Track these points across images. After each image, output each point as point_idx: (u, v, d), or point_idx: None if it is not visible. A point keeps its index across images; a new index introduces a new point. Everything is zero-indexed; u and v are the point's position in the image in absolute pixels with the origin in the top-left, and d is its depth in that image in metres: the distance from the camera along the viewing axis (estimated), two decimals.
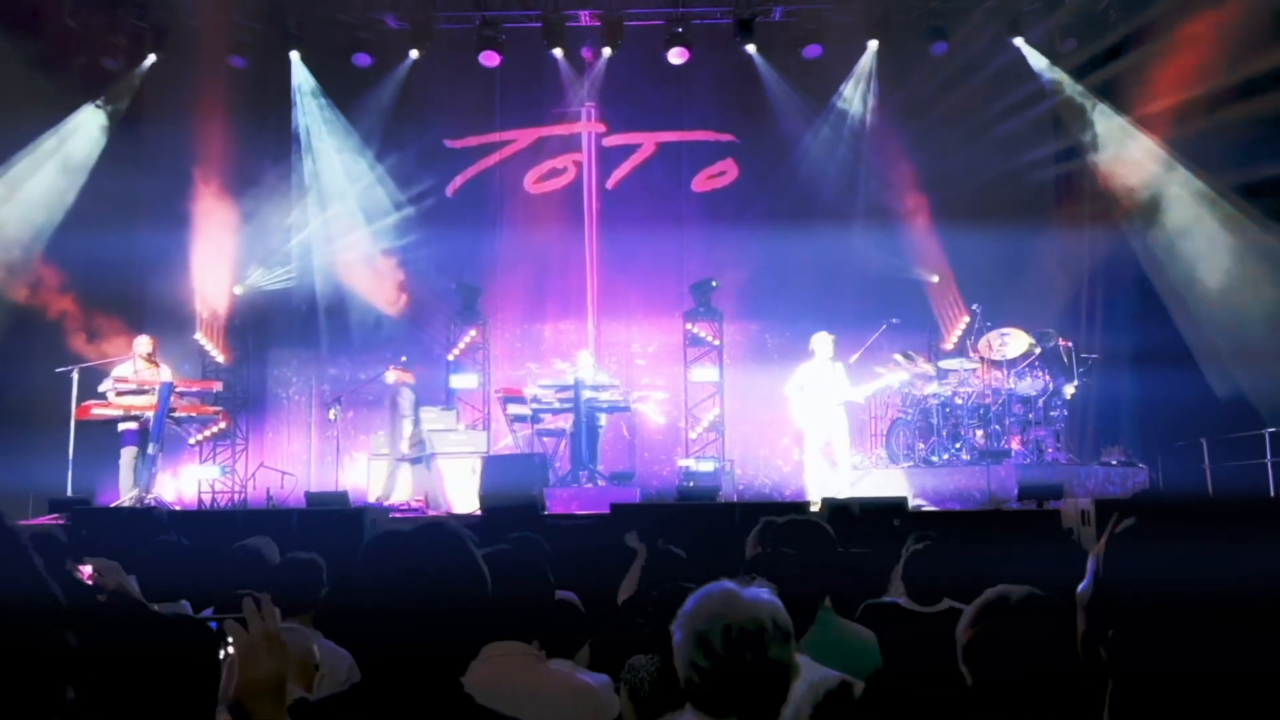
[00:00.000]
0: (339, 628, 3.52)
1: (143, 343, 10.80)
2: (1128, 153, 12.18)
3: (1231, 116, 10.54)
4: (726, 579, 2.24)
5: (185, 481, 12.72)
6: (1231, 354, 10.91)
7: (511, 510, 8.46)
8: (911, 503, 9.29)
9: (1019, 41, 12.99)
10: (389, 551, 1.96)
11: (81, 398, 10.33)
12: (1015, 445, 10.93)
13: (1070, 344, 11.15)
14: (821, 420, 10.87)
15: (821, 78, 13.54)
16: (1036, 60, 12.97)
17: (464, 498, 10.95)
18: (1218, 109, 10.71)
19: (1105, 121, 12.44)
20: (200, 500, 12.22)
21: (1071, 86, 12.78)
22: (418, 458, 11.20)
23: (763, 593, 2.17)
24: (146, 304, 13.04)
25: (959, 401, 11.13)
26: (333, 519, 8.29)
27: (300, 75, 13.70)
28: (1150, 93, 11.70)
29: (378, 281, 13.47)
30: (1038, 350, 11.10)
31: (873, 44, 13.37)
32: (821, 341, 10.94)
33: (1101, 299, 12.61)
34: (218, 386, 12.13)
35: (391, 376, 11.60)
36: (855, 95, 13.56)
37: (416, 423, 11.34)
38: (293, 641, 1.91)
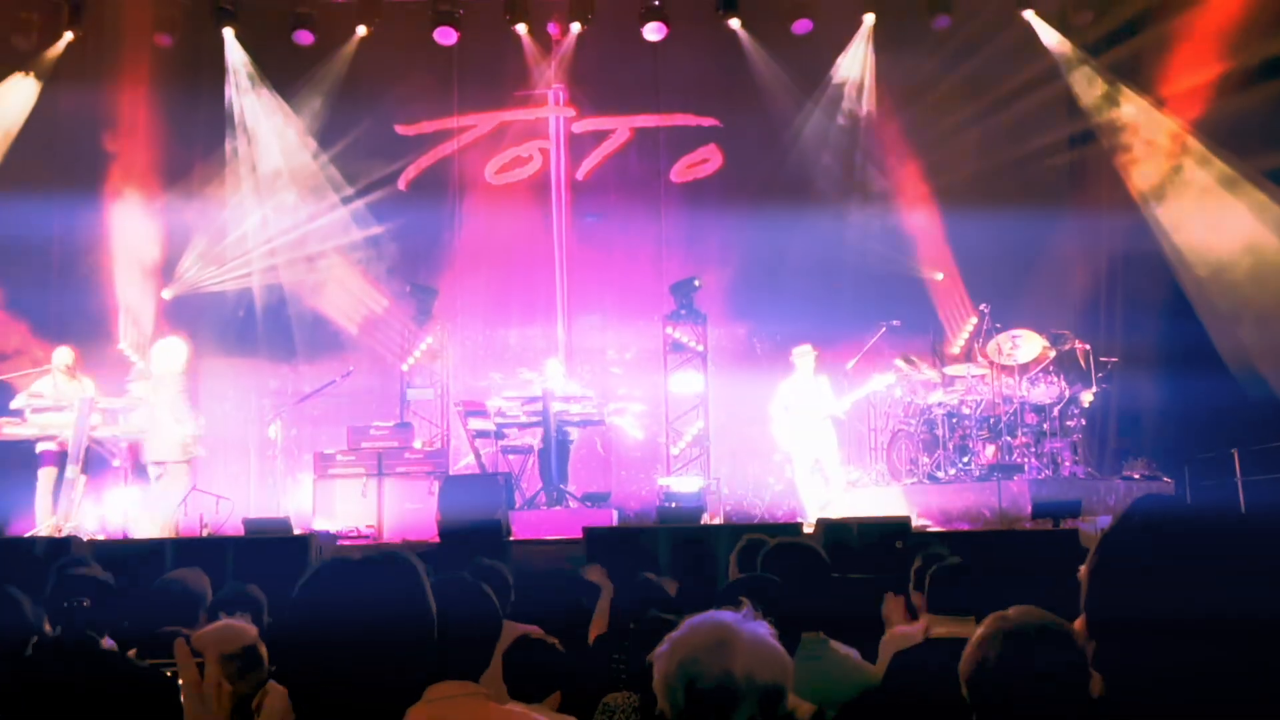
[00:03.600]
0: (278, 665, 3.51)
1: (63, 354, 10.71)
2: (1150, 136, 12.28)
3: (1264, 96, 10.66)
4: (721, 609, 2.23)
5: (109, 508, 12.61)
6: (1264, 356, 11.01)
7: (473, 536, 8.45)
8: (915, 522, 9.33)
9: (1029, 14, 13.05)
10: (334, 580, 1.96)
11: None
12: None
13: (1088, 347, 11.22)
14: (808, 438, 10.99)
15: (813, 55, 13.59)
16: (1048, 35, 13.04)
17: (421, 523, 10.92)
18: (1249, 87, 10.83)
19: (1125, 102, 12.53)
20: (126, 529, 12.12)
21: (1087, 63, 12.87)
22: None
23: (758, 633, 2.16)
24: (64, 310, 12.93)
25: (966, 411, 11.18)
26: (274, 548, 8.25)
27: (234, 54, 13.64)
28: (1174, 70, 11.82)
29: (323, 283, 13.43)
30: (1052, 354, 11.17)
31: (869, 17, 13.45)
32: (802, 355, 11.15)
33: (1121, 297, 12.70)
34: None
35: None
36: (850, 74, 13.63)
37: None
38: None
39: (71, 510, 10.30)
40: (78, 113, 12.93)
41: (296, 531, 9.67)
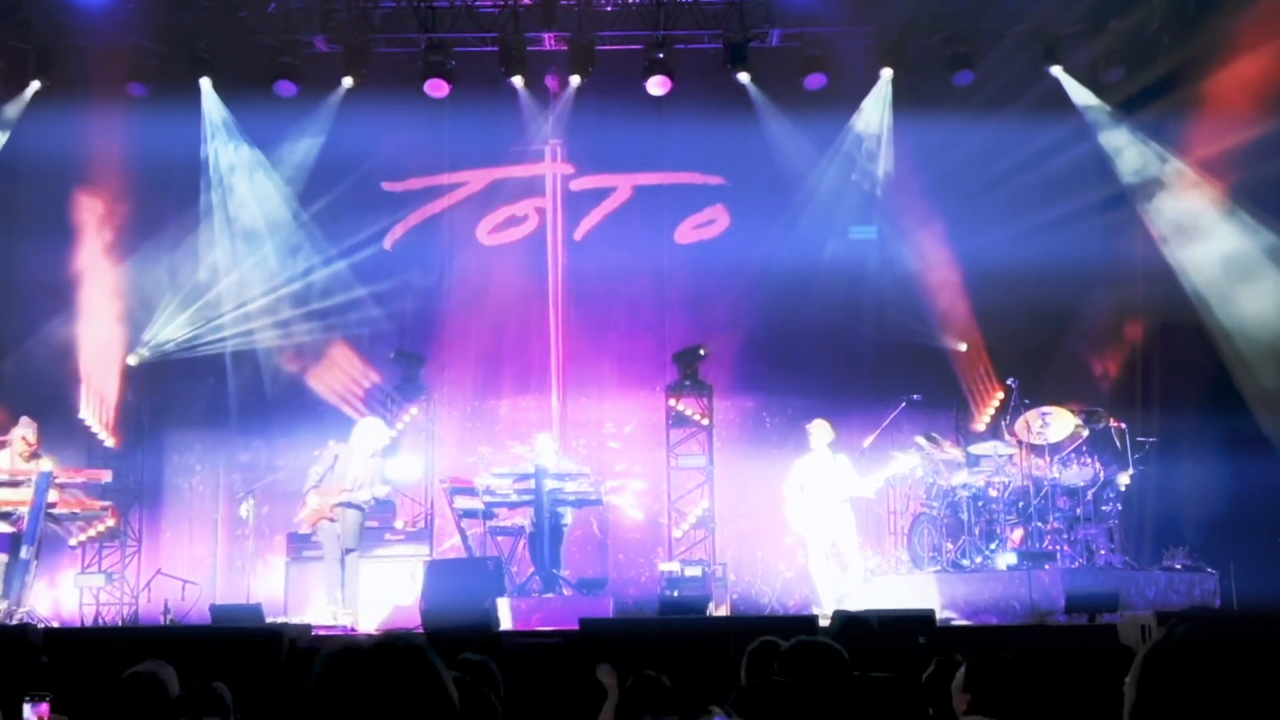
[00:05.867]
0: None
1: (25, 426, 10.70)
2: (1188, 200, 12.37)
3: None
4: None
5: (64, 592, 12.54)
6: None
7: (459, 628, 8.39)
8: (939, 615, 9.28)
9: (1057, 70, 13.20)
10: (346, 676, 1.90)
11: None
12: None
13: (1124, 425, 11.22)
14: (824, 521, 10.96)
15: (827, 112, 13.69)
16: (1078, 92, 13.19)
17: (403, 611, 10.85)
18: None
19: (1159, 163, 12.64)
20: (82, 616, 12.05)
21: (1119, 122, 13.00)
22: None
23: None
24: (19, 376, 12.95)
25: (993, 493, 11.16)
26: (244, 639, 8.17)
27: (211, 105, 13.76)
28: (1212, 130, 11.92)
29: (301, 349, 13.46)
30: (1085, 433, 11.16)
31: (886, 73, 13.58)
32: (819, 430, 11.15)
33: (1160, 372, 12.71)
34: (106, 476, 11.98)
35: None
36: (866, 131, 13.76)
37: None
38: None
39: (25, 595, 10.23)
40: (44, 165, 13.04)
41: (268, 620, 9.60)
